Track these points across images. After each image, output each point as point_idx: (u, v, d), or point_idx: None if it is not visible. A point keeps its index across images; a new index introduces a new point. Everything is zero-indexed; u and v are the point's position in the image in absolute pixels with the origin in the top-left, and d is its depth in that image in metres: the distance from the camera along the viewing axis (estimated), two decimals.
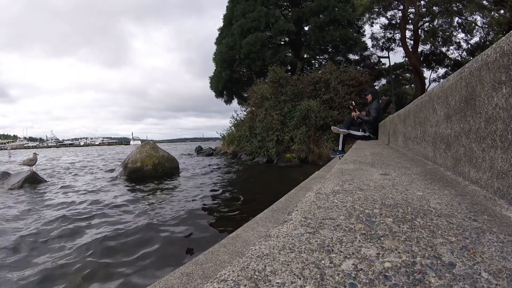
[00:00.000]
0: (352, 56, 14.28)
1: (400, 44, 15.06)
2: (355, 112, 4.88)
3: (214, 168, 7.66)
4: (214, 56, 15.34)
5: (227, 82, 15.03)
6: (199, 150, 16.35)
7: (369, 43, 15.29)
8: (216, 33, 16.33)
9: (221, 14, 15.63)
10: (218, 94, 16.57)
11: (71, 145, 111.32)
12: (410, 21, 14.13)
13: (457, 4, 12.39)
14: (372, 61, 16.00)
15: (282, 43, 14.62)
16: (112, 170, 7.61)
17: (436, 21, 14.27)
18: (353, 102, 5.76)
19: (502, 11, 12.07)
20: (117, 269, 1.85)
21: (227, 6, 15.15)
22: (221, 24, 15.78)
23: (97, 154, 19.52)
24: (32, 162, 5.68)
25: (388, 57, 14.40)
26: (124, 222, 2.86)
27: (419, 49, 15.34)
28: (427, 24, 14.51)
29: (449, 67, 15.83)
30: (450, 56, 15.89)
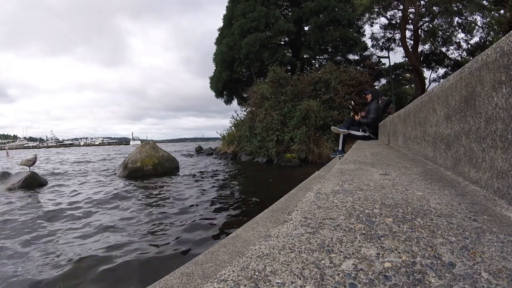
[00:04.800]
0: (352, 56, 14.28)
1: (400, 44, 15.06)
2: (357, 115, 4.90)
3: (214, 168, 7.66)
4: (214, 56, 15.34)
5: (227, 82, 15.02)
6: (199, 150, 16.35)
7: (369, 43, 15.30)
8: (215, 31, 16.35)
9: (220, 11, 15.65)
10: (218, 94, 16.57)
11: (71, 145, 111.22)
12: (410, 21, 14.12)
13: (457, 4, 12.39)
14: (372, 61, 15.99)
15: (282, 43, 14.62)
16: (112, 170, 7.61)
17: (436, 21, 14.27)
18: (352, 102, 5.76)
19: (502, 11, 12.07)
20: (116, 269, 1.85)
21: (227, 6, 15.16)
22: (220, 21, 15.81)
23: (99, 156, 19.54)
24: (29, 162, 5.71)
25: (388, 57, 14.42)
26: (123, 222, 2.86)
27: (419, 49, 15.34)
28: (427, 24, 14.51)
29: (449, 67, 15.83)
30: (450, 56, 15.89)
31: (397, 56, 30.56)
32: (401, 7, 13.81)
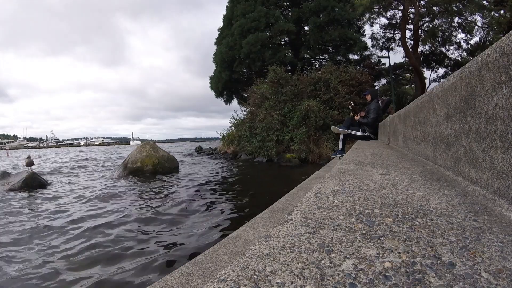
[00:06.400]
0: (352, 56, 14.27)
1: (400, 44, 15.05)
2: (356, 115, 4.91)
3: (214, 168, 7.66)
4: (214, 56, 15.35)
5: (227, 82, 15.02)
6: (199, 150, 16.36)
7: (369, 43, 15.28)
8: (215, 31, 16.37)
9: (220, 10, 15.67)
10: (218, 94, 16.57)
11: (71, 145, 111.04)
12: (410, 21, 14.12)
13: (457, 4, 12.38)
14: (372, 61, 15.99)
15: (282, 43, 14.62)
16: (112, 170, 7.62)
17: (436, 21, 14.26)
18: (351, 102, 5.77)
19: (502, 11, 12.07)
20: (116, 269, 1.85)
21: (227, 6, 15.17)
22: (219, 21, 15.83)
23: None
24: (27, 161, 5.80)
25: (388, 57, 14.41)
26: (123, 223, 2.86)
27: (419, 49, 15.33)
28: (427, 24, 14.51)
29: (449, 67, 15.82)
30: (450, 56, 15.89)
31: (397, 56, 30.56)
32: (401, 7, 13.80)
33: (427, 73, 17.11)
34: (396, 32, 15.82)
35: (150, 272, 1.80)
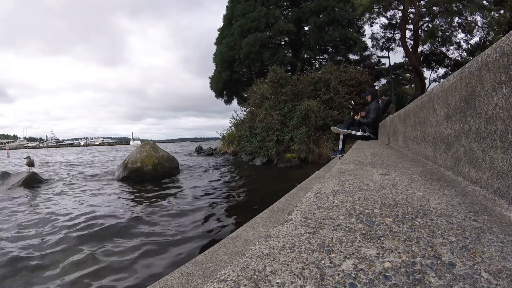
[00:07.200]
0: (352, 56, 14.26)
1: (400, 44, 15.04)
2: (357, 115, 4.91)
3: (214, 168, 7.66)
4: (214, 56, 15.36)
5: (227, 82, 15.03)
6: (199, 150, 16.36)
7: (369, 43, 15.27)
8: (215, 31, 16.40)
9: (220, 10, 15.69)
10: (218, 94, 16.57)
11: (71, 145, 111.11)
12: (410, 21, 14.11)
13: (457, 4, 12.37)
14: (372, 61, 15.98)
15: (282, 43, 14.62)
16: (112, 170, 7.62)
17: (436, 21, 14.26)
18: (352, 101, 5.77)
19: (502, 11, 12.07)
20: (115, 269, 1.85)
21: (227, 6, 15.18)
22: (219, 20, 15.85)
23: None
24: (27, 161, 5.84)
25: (388, 57, 14.40)
26: (123, 222, 2.86)
27: (419, 49, 15.32)
28: (427, 24, 14.51)
29: (449, 67, 15.81)
30: (450, 56, 15.88)
31: (397, 56, 30.60)
32: (401, 7, 13.79)
33: (427, 73, 17.12)
34: (396, 32, 15.81)
35: (149, 272, 1.80)
